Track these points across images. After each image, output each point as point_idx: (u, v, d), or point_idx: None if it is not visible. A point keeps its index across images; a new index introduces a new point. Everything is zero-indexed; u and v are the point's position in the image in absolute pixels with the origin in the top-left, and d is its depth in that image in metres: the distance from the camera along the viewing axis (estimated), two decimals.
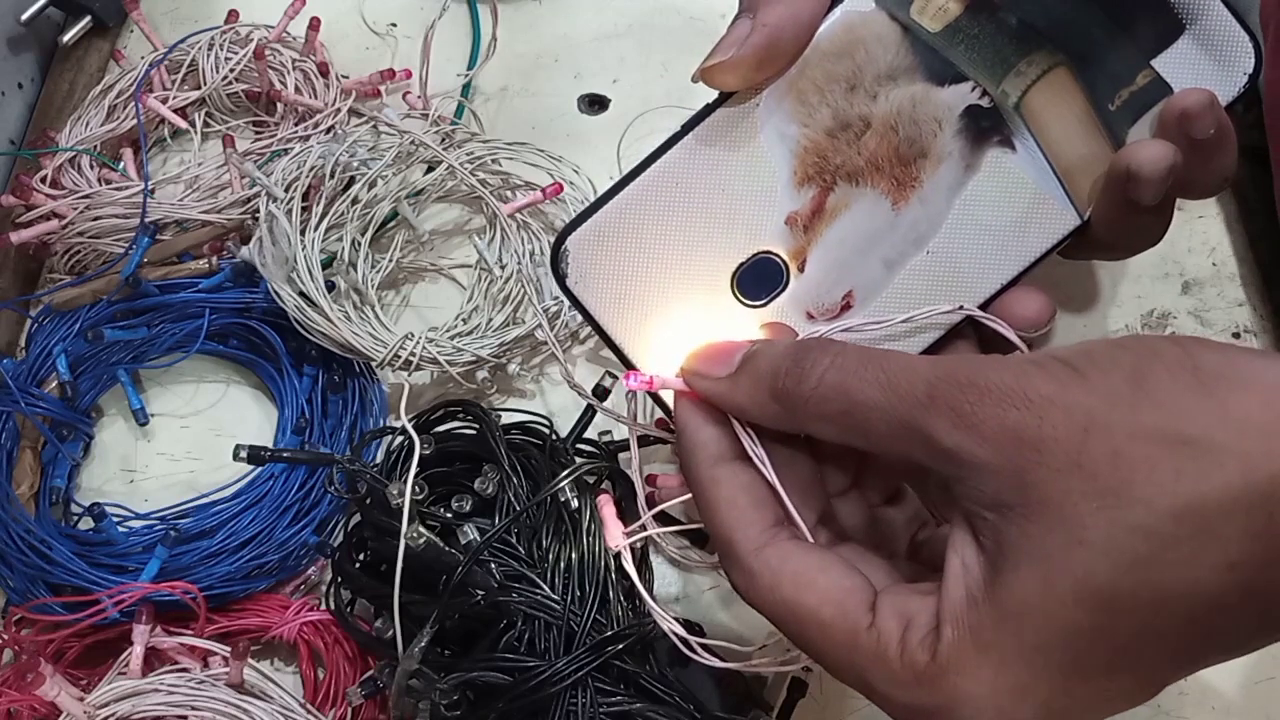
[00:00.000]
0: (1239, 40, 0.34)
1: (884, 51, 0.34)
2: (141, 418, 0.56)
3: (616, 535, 0.39)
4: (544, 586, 0.43)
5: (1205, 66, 0.34)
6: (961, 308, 0.35)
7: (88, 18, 0.67)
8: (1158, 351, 0.26)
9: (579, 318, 0.36)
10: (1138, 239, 0.36)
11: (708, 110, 0.34)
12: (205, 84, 0.62)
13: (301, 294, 0.52)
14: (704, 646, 0.35)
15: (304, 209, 0.54)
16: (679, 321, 0.35)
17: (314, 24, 0.63)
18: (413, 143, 0.57)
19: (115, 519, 0.52)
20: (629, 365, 0.35)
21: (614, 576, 0.44)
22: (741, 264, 0.35)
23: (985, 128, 0.34)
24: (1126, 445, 0.24)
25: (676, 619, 0.34)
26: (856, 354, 0.29)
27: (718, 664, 0.35)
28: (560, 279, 0.34)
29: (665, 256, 0.35)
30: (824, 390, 0.29)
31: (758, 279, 0.35)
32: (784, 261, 0.35)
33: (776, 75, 0.34)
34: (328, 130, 0.61)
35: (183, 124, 0.62)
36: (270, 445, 0.51)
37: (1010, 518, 0.25)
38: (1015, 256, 0.35)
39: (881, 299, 0.35)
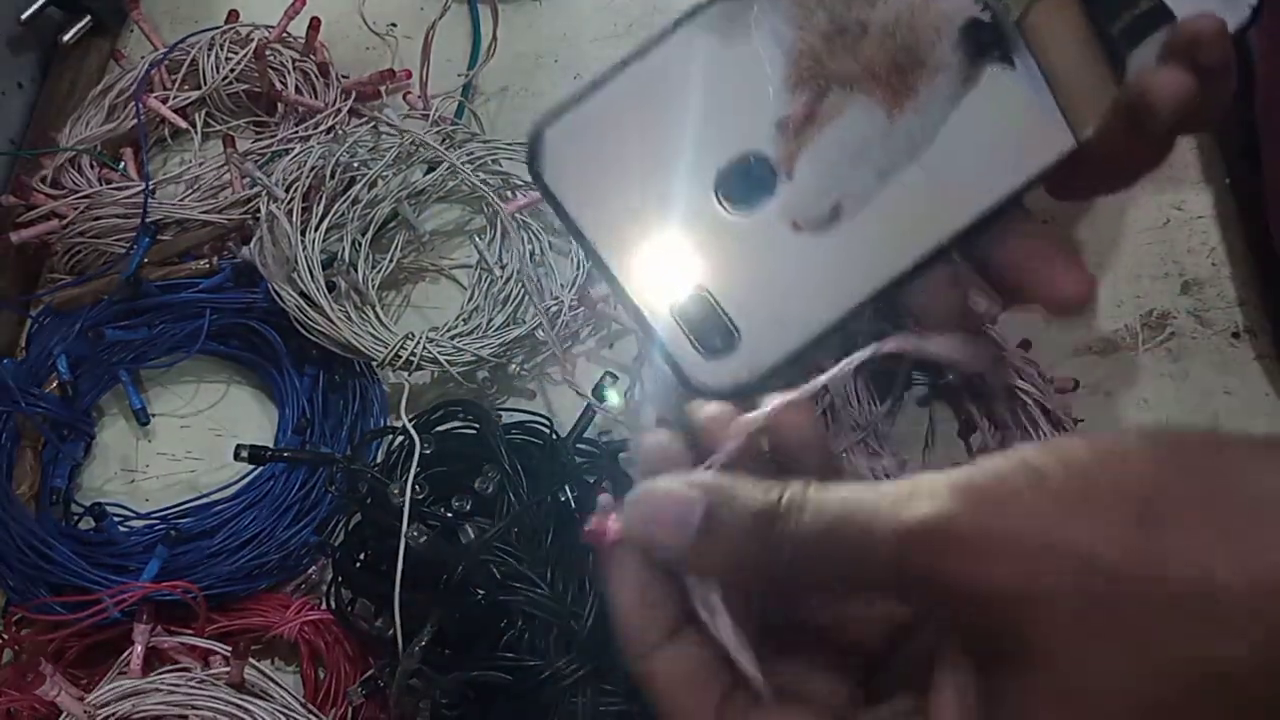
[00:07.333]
0: None
1: None
2: (142, 418, 0.56)
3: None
4: (544, 586, 0.43)
5: None
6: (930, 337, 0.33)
7: (88, 18, 0.67)
8: (1166, 482, 0.23)
9: (579, 318, 0.35)
10: (1137, 167, 0.35)
11: (704, 5, 0.33)
12: (205, 84, 0.62)
13: (302, 294, 0.52)
14: None
15: (304, 209, 0.54)
16: (659, 223, 0.33)
17: (314, 24, 0.63)
18: (413, 143, 0.57)
19: (116, 519, 0.52)
20: (601, 266, 0.33)
21: None
22: (729, 164, 0.33)
23: (985, 42, 0.33)
24: (1132, 594, 0.22)
25: None
26: (817, 514, 0.26)
27: None
28: (535, 172, 0.33)
29: (649, 153, 0.33)
30: (800, 564, 0.26)
31: (745, 182, 0.33)
32: (773, 164, 0.33)
33: None
34: (328, 130, 0.61)
35: (183, 124, 0.62)
36: (271, 445, 0.51)
37: (1007, 669, 0.24)
38: (1007, 175, 0.34)
39: (869, 210, 0.34)
